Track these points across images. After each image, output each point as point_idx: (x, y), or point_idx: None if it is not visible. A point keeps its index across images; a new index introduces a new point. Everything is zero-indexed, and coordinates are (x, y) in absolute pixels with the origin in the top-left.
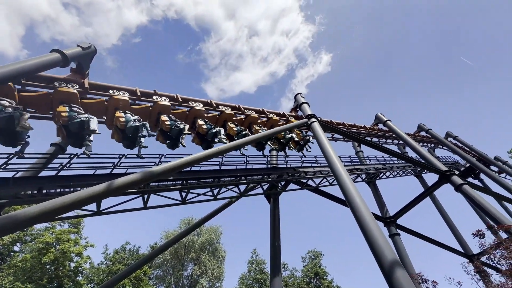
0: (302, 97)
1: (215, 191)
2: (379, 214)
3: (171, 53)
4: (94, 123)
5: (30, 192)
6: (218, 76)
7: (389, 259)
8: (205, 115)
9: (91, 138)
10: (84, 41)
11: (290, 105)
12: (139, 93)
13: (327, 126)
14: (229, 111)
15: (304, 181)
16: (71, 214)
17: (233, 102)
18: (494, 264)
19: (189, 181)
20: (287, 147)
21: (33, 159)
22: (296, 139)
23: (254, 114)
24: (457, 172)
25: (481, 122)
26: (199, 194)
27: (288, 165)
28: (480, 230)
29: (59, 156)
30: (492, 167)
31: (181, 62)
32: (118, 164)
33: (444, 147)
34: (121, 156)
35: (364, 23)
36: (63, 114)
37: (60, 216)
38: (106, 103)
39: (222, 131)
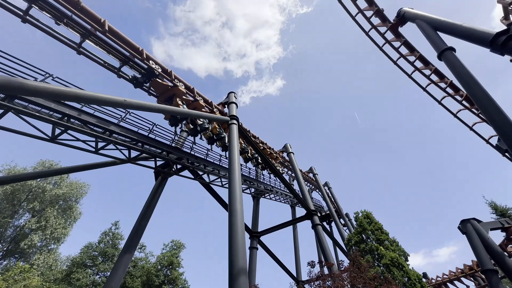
0: (234, 97)
1: (100, 145)
2: (250, 226)
3: None
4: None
5: None
6: (173, 42)
7: (240, 265)
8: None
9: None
10: None
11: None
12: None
13: (243, 133)
14: (182, 88)
15: (200, 173)
16: None
17: (178, 75)
18: None
19: (71, 119)
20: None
21: None
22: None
23: (202, 103)
24: (319, 215)
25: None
26: (78, 139)
27: (192, 152)
28: (313, 261)
29: None
30: (341, 220)
31: (140, 4)
32: None
33: (319, 192)
34: None
35: (320, 74)
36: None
37: None
38: (169, 88)
39: None
